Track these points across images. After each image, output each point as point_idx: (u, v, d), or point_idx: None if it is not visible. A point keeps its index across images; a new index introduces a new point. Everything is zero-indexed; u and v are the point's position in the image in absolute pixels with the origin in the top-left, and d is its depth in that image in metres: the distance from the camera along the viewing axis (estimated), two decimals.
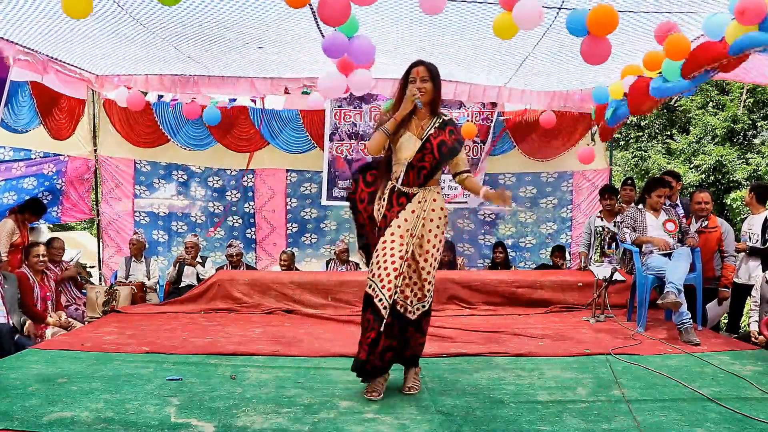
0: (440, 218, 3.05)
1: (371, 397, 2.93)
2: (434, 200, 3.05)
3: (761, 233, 5.12)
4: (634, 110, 5.52)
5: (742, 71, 4.55)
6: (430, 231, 3.02)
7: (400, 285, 2.91)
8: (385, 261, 2.90)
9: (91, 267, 6.54)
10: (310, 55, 5.69)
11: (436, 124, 3.04)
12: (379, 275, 2.90)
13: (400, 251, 2.92)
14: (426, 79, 3.00)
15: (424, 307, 3.03)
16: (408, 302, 2.98)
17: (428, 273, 3.01)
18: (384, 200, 3.07)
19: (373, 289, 2.91)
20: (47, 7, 4.37)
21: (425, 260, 3.00)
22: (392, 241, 2.95)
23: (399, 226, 2.97)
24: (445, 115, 3.10)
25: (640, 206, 5.05)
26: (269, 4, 4.43)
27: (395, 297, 2.89)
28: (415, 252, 2.98)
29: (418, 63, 3.04)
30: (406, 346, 3.04)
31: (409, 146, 3.01)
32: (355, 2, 3.83)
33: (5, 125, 5.67)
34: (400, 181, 3.01)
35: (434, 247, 3.02)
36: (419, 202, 3.01)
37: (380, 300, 2.86)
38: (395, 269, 2.88)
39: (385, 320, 2.85)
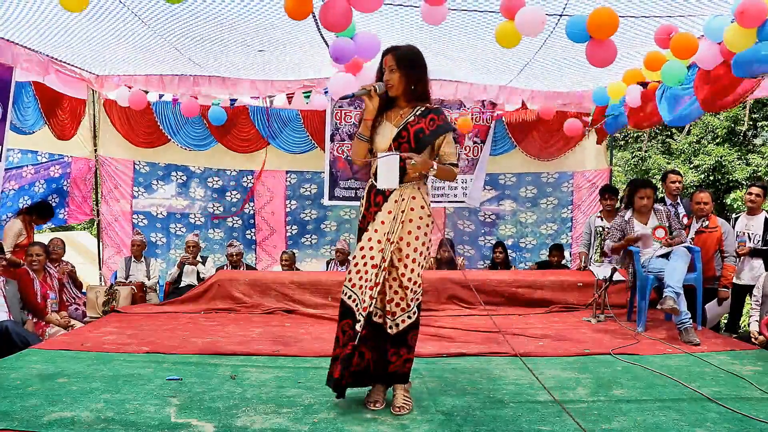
0: (421, 218, 2.74)
1: (374, 407, 2.75)
2: (413, 198, 2.73)
3: (762, 233, 5.13)
4: (634, 125, 5.56)
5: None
6: (409, 233, 2.72)
7: (375, 296, 2.67)
8: (363, 269, 2.70)
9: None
10: (311, 58, 5.70)
11: (418, 112, 2.76)
12: (354, 284, 2.70)
13: (376, 259, 2.69)
14: (393, 68, 2.70)
15: (410, 318, 2.72)
16: (388, 315, 2.71)
17: (410, 280, 2.70)
18: (363, 200, 2.82)
19: (350, 298, 2.71)
20: (48, 8, 4.37)
21: (405, 266, 2.70)
22: (370, 248, 2.71)
23: (376, 230, 2.72)
24: (431, 105, 2.80)
25: (628, 215, 4.94)
26: (270, 8, 4.43)
27: (371, 309, 2.66)
28: (393, 258, 2.71)
29: (387, 51, 2.74)
30: (385, 363, 2.74)
31: (384, 136, 2.75)
32: (359, 9, 3.82)
33: (12, 127, 5.67)
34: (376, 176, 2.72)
35: (416, 251, 2.72)
36: (396, 202, 2.72)
37: (356, 308, 2.67)
38: (373, 279, 2.66)
39: (359, 333, 2.63)
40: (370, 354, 2.75)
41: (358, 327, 2.65)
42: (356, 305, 2.70)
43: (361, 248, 2.74)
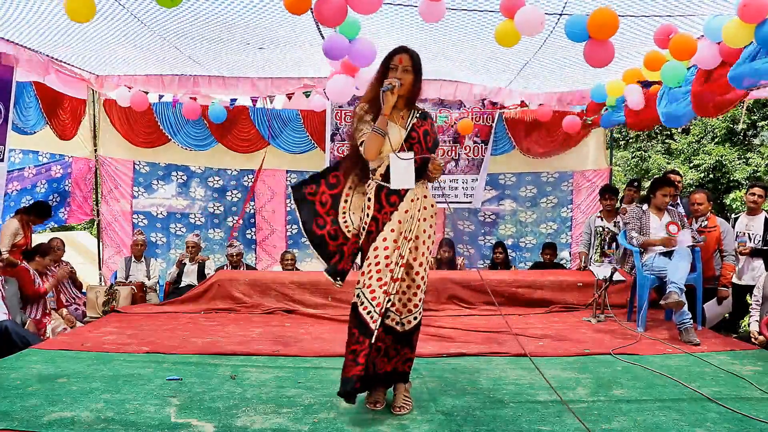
0: (432, 216, 2.85)
1: (374, 408, 2.77)
2: (425, 197, 2.82)
3: (763, 233, 5.13)
4: (631, 125, 5.56)
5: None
6: (424, 231, 2.79)
7: (393, 293, 2.69)
8: (376, 270, 2.66)
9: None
10: (311, 56, 5.69)
11: (417, 115, 2.83)
12: (369, 285, 2.65)
13: (395, 257, 2.69)
14: (408, 69, 2.73)
15: (416, 319, 2.79)
16: (398, 313, 2.76)
17: (421, 278, 2.77)
18: (371, 201, 2.78)
19: (362, 300, 2.66)
20: (48, 8, 4.37)
21: (419, 264, 2.77)
22: (385, 248, 2.68)
23: (392, 230, 2.71)
24: (422, 109, 2.89)
25: (645, 206, 5.01)
26: (270, 6, 4.43)
27: (386, 307, 2.67)
28: (409, 257, 2.75)
29: (401, 50, 2.76)
30: (392, 362, 2.80)
31: (393, 136, 2.74)
32: (357, 11, 3.81)
33: (14, 127, 5.66)
34: (389, 178, 2.73)
35: (428, 248, 2.81)
36: (412, 201, 2.75)
37: (368, 312, 2.63)
38: (391, 277, 2.66)
39: (375, 334, 2.62)
40: (380, 357, 2.77)
41: (374, 326, 2.61)
42: (371, 317, 2.63)
43: (375, 248, 2.70)
